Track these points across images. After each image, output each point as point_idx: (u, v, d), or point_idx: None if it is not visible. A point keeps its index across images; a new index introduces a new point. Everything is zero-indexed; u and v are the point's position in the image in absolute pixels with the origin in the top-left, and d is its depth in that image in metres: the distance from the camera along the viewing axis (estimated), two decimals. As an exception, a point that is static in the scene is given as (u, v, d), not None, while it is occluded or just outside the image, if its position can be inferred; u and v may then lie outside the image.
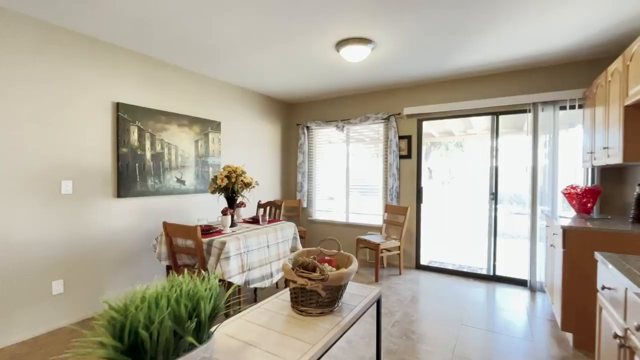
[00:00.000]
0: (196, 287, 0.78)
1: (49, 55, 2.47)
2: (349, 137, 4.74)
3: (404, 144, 4.24)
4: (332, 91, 4.48)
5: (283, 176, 5.17)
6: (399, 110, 4.27)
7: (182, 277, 0.84)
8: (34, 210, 2.41)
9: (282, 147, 5.13)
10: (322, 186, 5.03)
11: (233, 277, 2.44)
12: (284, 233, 3.10)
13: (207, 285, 0.81)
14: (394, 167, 4.22)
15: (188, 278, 0.84)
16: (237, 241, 2.53)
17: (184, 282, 0.80)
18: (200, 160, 3.70)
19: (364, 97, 4.56)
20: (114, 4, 2.20)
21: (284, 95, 4.70)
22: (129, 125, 2.98)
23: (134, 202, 3.05)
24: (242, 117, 4.31)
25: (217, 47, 2.95)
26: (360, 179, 4.66)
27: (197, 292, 0.76)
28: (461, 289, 3.44)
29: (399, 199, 4.29)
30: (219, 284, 0.88)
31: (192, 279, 0.84)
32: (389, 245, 3.76)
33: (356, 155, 4.70)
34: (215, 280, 0.88)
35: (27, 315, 2.38)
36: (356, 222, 4.67)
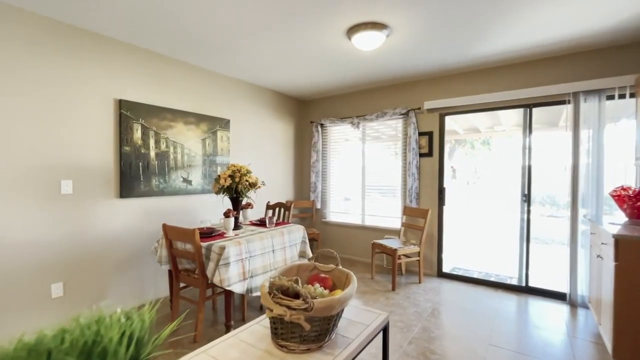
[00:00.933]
0: (99, 333, 0.58)
1: (48, 51, 2.39)
2: (365, 135, 4.47)
3: (425, 141, 3.92)
4: (346, 86, 4.23)
5: (296, 176, 4.98)
6: (419, 105, 3.95)
7: (82, 320, 0.65)
8: (32, 210, 2.33)
9: (295, 145, 4.94)
10: (337, 186, 4.78)
11: (233, 284, 2.25)
12: (291, 236, 2.88)
13: (125, 325, 0.60)
14: (414, 166, 3.90)
15: (91, 320, 0.64)
16: (238, 246, 2.35)
17: (84, 326, 0.60)
18: (207, 159, 3.56)
19: (381, 91, 4.27)
20: (107, -8, 2.08)
21: (296, 91, 4.50)
22: (132, 123, 2.87)
23: (137, 202, 2.94)
24: (252, 114, 4.15)
25: (220, 40, 2.78)
26: (377, 179, 4.37)
27: (100, 341, 0.56)
28: (488, 301, 3.09)
29: (418, 200, 3.97)
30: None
31: (96, 322, 0.64)
32: (407, 250, 3.46)
33: (373, 154, 4.42)
34: (143, 316, 0.68)
35: (24, 320, 2.31)
36: (372, 224, 4.39)
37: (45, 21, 2.37)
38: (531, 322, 2.68)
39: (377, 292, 3.32)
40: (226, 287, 2.20)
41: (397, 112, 4.00)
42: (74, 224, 2.56)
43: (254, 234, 2.64)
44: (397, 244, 3.54)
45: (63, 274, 2.50)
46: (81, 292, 2.60)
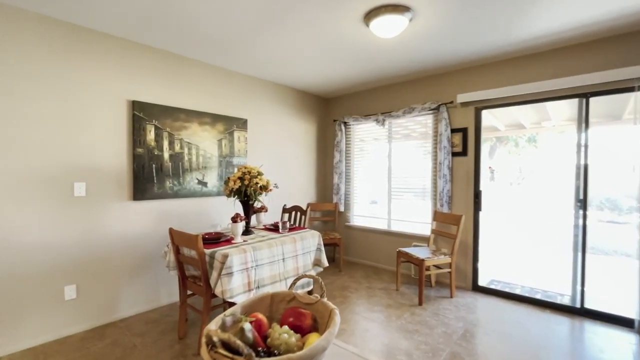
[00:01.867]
0: None
1: (61, 53, 2.39)
2: (392, 132, 4.14)
3: (458, 138, 3.51)
4: (369, 80, 3.93)
5: (319, 177, 4.76)
6: (451, 98, 3.56)
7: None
8: (45, 213, 2.34)
9: (317, 145, 4.72)
10: (361, 189, 4.49)
11: (236, 296, 2.09)
12: (305, 243, 2.67)
13: None
14: (445, 167, 3.52)
15: None
16: (243, 254, 2.18)
17: None
18: (224, 160, 3.46)
19: (408, 85, 3.92)
20: (108, -11, 2.00)
21: (317, 88, 4.28)
22: (145, 124, 2.83)
23: (150, 205, 2.90)
24: (271, 113, 4.00)
25: (235, 36, 2.64)
26: (404, 181, 4.02)
27: None
28: (534, 324, 2.65)
29: (451, 205, 3.57)
30: None
31: None
32: (436, 261, 3.10)
33: (400, 154, 4.08)
34: None
35: (37, 321, 2.32)
36: (399, 230, 4.05)
37: (61, 25, 2.37)
38: (588, 354, 2.23)
39: (401, 307, 3.00)
40: (228, 299, 2.04)
41: (427, 107, 3.63)
42: (87, 227, 2.55)
43: (263, 240, 2.46)
44: (426, 253, 3.19)
45: (76, 276, 2.50)
46: (94, 294, 2.59)
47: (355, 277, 3.86)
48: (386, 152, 4.19)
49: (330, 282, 3.66)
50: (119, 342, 2.37)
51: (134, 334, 2.49)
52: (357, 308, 2.97)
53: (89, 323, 2.57)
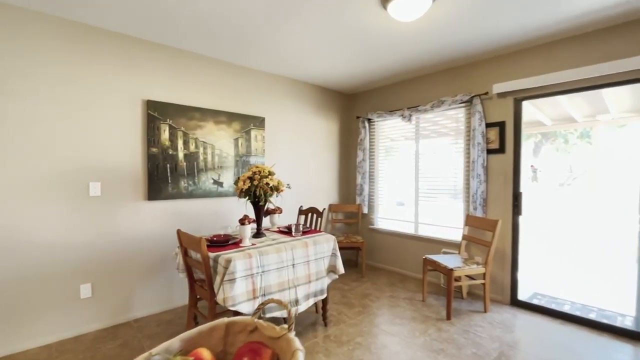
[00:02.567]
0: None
1: (77, 54, 2.42)
2: (419, 129, 3.82)
3: (494, 133, 3.13)
4: (393, 73, 3.65)
5: (341, 177, 4.55)
6: (486, 89, 3.18)
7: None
8: (62, 212, 2.38)
9: (340, 144, 4.52)
10: (386, 189, 4.21)
11: (239, 304, 1.95)
12: (318, 248, 2.48)
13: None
14: (479, 165, 3.15)
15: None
16: (248, 259, 2.04)
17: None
18: (240, 160, 3.38)
19: (436, 76, 3.59)
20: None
21: (338, 84, 4.08)
22: (159, 123, 2.81)
23: (165, 205, 2.88)
24: (290, 111, 3.86)
25: (250, 30, 2.52)
26: (433, 181, 3.69)
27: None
28: (587, 351, 2.25)
29: (485, 208, 3.20)
30: None
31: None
32: (467, 271, 2.76)
33: (428, 151, 3.75)
34: None
35: (54, 319, 2.36)
36: (428, 235, 3.72)
37: (76, 27, 2.40)
38: (659, 394, 1.81)
39: (426, 320, 2.71)
40: (230, 307, 1.91)
41: (458, 99, 3.28)
42: (102, 226, 2.56)
43: (272, 244, 2.31)
44: (456, 262, 2.87)
45: (91, 275, 2.52)
46: (109, 294, 2.61)
47: (378, 284, 3.60)
48: (413, 149, 3.88)
49: (350, 289, 3.44)
50: (129, 343, 2.34)
51: (145, 335, 2.46)
52: (376, 319, 2.73)
53: (104, 322, 2.58)
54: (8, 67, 2.16)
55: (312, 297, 2.39)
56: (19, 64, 2.20)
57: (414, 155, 3.86)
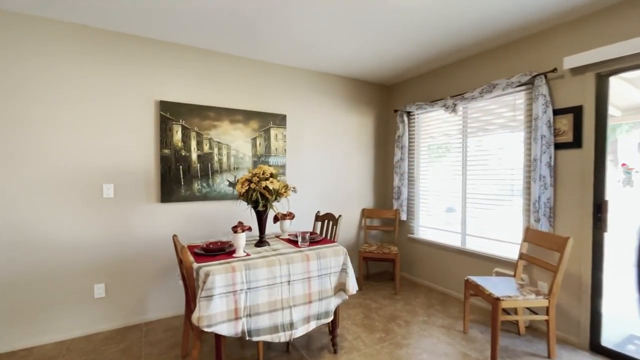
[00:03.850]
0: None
1: (91, 59, 2.47)
2: (467, 120, 3.17)
3: (566, 122, 2.39)
4: (433, 57, 3.08)
5: (377, 179, 4.08)
6: (553, 64, 2.45)
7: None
8: (77, 213, 2.45)
9: (376, 141, 4.05)
10: (429, 193, 3.62)
11: (216, 325, 1.71)
12: (324, 263, 2.13)
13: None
14: (543, 165, 2.44)
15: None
16: (230, 273, 1.79)
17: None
18: (258, 160, 3.19)
19: (485, 56, 2.92)
20: None
21: (372, 74, 3.63)
22: (171, 124, 2.76)
23: (177, 207, 2.82)
24: (316, 107, 3.55)
25: (268, 21, 2.30)
26: (484, 185, 3.02)
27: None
28: None
29: (553, 219, 2.47)
30: None
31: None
32: (522, 302, 2.12)
33: (478, 147, 3.08)
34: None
35: (68, 316, 2.44)
36: (477, 249, 3.06)
37: (90, 31, 2.45)
38: None
39: None
40: (205, 328, 1.68)
41: (515, 81, 2.60)
42: (115, 228, 2.59)
43: (268, 255, 2.03)
44: (508, 288, 2.23)
45: (105, 275, 2.56)
46: (122, 294, 2.62)
47: (412, 304, 3.08)
48: (460, 145, 3.24)
49: (378, 308, 2.99)
50: (130, 349, 2.29)
51: (148, 341, 2.40)
52: (398, 352, 2.26)
53: (117, 322, 2.61)
54: (27, 73, 2.27)
55: (313, 320, 2.05)
56: (36, 70, 2.30)
57: (461, 153, 3.22)
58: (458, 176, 3.26)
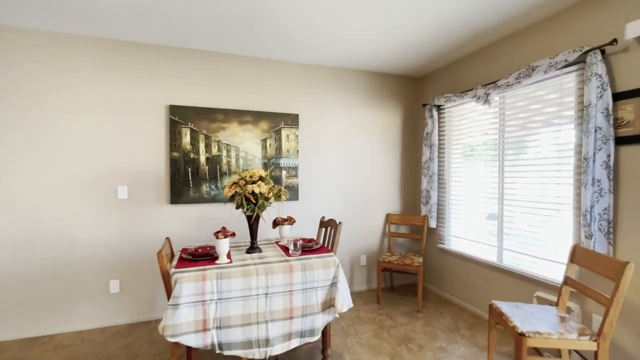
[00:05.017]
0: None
1: (106, 69, 2.63)
2: (504, 111, 2.66)
3: (631, 109, 1.82)
4: (463, 40, 2.64)
5: (404, 181, 3.70)
6: (612, 35, 1.89)
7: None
8: (94, 213, 2.63)
9: (404, 139, 3.68)
10: (462, 198, 3.15)
11: (182, 335, 1.64)
12: (310, 275, 1.93)
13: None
14: (598, 165, 1.90)
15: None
16: (200, 281, 1.71)
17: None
18: (269, 162, 3.10)
19: (521, 35, 2.40)
20: None
21: (397, 65, 3.29)
22: (180, 127, 2.81)
23: (186, 209, 2.86)
24: (332, 105, 3.34)
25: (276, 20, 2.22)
26: (525, 189, 2.50)
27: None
28: None
29: (612, 236, 1.90)
30: None
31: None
32: (556, 341, 1.65)
33: (517, 143, 2.56)
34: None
35: (87, 308, 2.62)
36: (515, 267, 2.55)
37: (106, 43, 2.62)
38: None
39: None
40: (169, 337, 1.62)
41: (560, 60, 2.07)
42: (129, 227, 2.72)
43: (250, 264, 1.91)
44: (543, 320, 1.77)
45: (119, 272, 2.71)
46: (135, 291, 2.75)
47: (434, 325, 2.69)
48: (496, 142, 2.74)
49: (392, 326, 2.67)
50: (132, 346, 2.37)
51: (150, 339, 2.46)
52: (398, 383, 1.95)
53: (129, 317, 2.74)
54: (49, 86, 2.50)
55: (295, 338, 1.86)
56: (56, 82, 2.52)
57: (498, 152, 2.72)
58: (494, 179, 2.76)
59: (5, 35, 2.39)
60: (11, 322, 2.45)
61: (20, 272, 2.46)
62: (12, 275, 2.44)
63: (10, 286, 2.44)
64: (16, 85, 2.42)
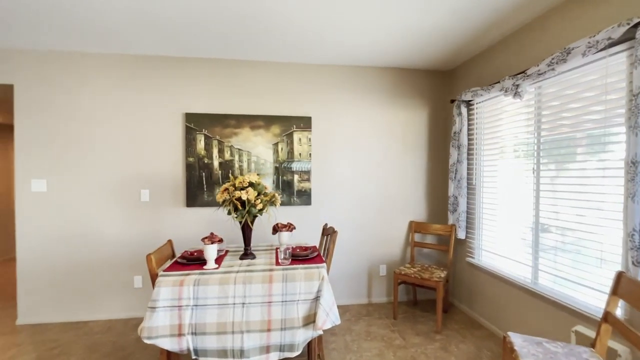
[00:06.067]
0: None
1: (132, 83, 2.88)
2: (540, 106, 2.23)
3: (702, 97, 1.36)
4: (492, 21, 2.29)
5: (430, 185, 3.36)
6: (675, 0, 1.43)
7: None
8: (121, 214, 2.90)
9: (430, 140, 3.35)
10: (495, 206, 2.73)
11: (157, 338, 1.69)
12: (292, 286, 1.84)
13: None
14: (652, 172, 1.46)
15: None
16: (177, 286, 1.74)
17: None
18: (280, 166, 3.08)
19: (551, 15, 1.96)
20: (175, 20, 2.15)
21: (424, 59, 3.00)
22: (195, 134, 2.95)
23: (200, 212, 2.99)
24: (348, 105, 3.19)
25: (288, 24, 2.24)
26: (564, 200, 2.05)
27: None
28: None
29: (673, 265, 1.44)
30: None
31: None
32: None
33: (556, 142, 2.12)
34: None
35: (114, 302, 2.90)
36: (552, 293, 2.11)
37: (130, 58, 2.87)
38: None
39: None
40: (145, 339, 1.68)
41: (602, 38, 1.65)
42: (150, 228, 2.94)
43: (233, 271, 1.89)
44: (556, 367, 1.43)
45: (142, 269, 2.94)
46: (155, 288, 2.96)
47: (452, 350, 2.37)
48: (531, 143, 2.31)
49: (401, 347, 2.43)
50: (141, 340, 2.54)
51: (163, 334, 2.62)
52: (386, 414, 1.75)
53: (150, 312, 2.95)
54: (83, 101, 2.82)
55: (274, 352, 1.79)
56: (89, 98, 2.83)
57: (534, 155, 2.29)
58: (529, 187, 2.33)
59: (51, 58, 2.76)
60: (54, 307, 2.82)
61: (62, 263, 2.83)
62: (55, 266, 2.82)
63: (54, 275, 2.82)
64: (60, 102, 2.78)
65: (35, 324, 2.80)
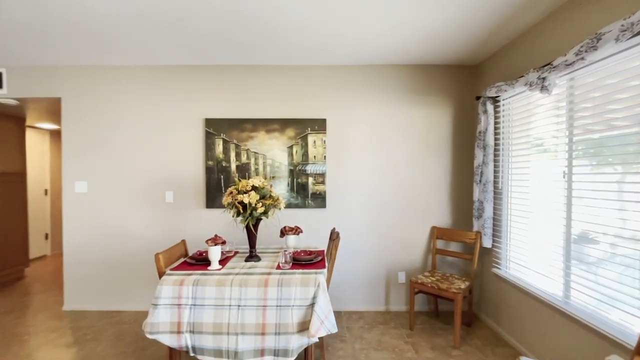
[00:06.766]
0: None
1: (157, 92, 3.09)
2: (572, 101, 1.96)
3: None
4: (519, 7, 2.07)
5: (454, 189, 3.13)
6: None
7: None
8: (147, 214, 3.12)
9: (453, 140, 3.12)
10: (523, 213, 2.46)
11: (158, 334, 1.79)
12: (287, 292, 1.83)
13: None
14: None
15: None
16: (177, 286, 1.83)
17: None
18: (295, 169, 3.09)
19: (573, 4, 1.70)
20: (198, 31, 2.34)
21: (448, 53, 2.82)
22: (214, 138, 3.08)
23: (219, 213, 3.11)
24: (364, 106, 3.10)
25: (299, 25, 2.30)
26: (599, 208, 1.78)
27: None
28: None
29: None
30: None
31: None
32: None
33: (593, 142, 1.85)
34: None
35: (142, 293, 3.14)
36: (585, 314, 1.85)
37: (157, 69, 3.08)
38: None
39: None
40: (147, 334, 1.78)
41: (637, 21, 1.40)
42: (174, 227, 3.13)
43: (234, 273, 1.94)
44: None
45: (167, 265, 3.14)
46: (178, 283, 3.14)
47: (467, 369, 2.19)
48: (563, 144, 2.04)
49: (413, 360, 2.30)
50: (164, 332, 2.71)
51: (181, 329, 2.77)
52: None
53: (174, 306, 3.14)
54: (118, 110, 3.09)
55: (269, 356, 1.80)
56: (123, 107, 3.09)
57: (566, 158, 2.02)
58: (560, 193, 2.06)
59: (93, 73, 3.07)
60: (93, 296, 3.13)
61: (100, 257, 3.13)
62: (94, 260, 3.12)
63: (93, 268, 3.13)
64: (99, 111, 3.08)
65: (77, 310, 3.13)
